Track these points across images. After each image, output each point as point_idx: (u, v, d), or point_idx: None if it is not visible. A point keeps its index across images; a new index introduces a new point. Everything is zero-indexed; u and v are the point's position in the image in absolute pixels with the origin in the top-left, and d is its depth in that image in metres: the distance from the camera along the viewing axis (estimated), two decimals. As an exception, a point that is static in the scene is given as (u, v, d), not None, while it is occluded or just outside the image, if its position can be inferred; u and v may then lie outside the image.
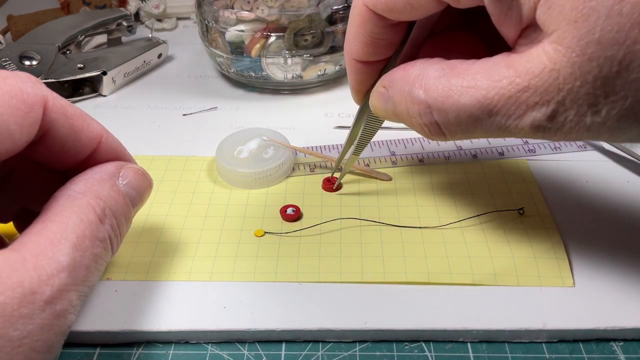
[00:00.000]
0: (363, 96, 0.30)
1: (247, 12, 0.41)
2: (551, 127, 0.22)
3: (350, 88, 0.30)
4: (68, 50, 0.47)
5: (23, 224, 0.28)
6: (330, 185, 0.34)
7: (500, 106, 0.22)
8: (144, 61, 0.48)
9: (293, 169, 0.36)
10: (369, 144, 0.32)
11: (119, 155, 0.27)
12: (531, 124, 0.22)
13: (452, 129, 0.24)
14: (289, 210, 0.32)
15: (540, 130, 0.22)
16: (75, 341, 0.26)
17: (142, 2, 0.56)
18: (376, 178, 0.35)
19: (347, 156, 0.33)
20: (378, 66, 0.28)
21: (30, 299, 0.20)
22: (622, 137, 0.22)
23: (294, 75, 0.44)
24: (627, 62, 0.20)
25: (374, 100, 0.28)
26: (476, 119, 0.23)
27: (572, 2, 0.20)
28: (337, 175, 0.34)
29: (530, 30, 0.22)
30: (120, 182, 0.25)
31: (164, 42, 0.50)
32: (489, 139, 0.37)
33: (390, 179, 0.35)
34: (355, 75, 0.29)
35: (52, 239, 0.21)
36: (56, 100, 0.24)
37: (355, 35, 0.27)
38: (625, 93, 0.20)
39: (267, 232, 0.31)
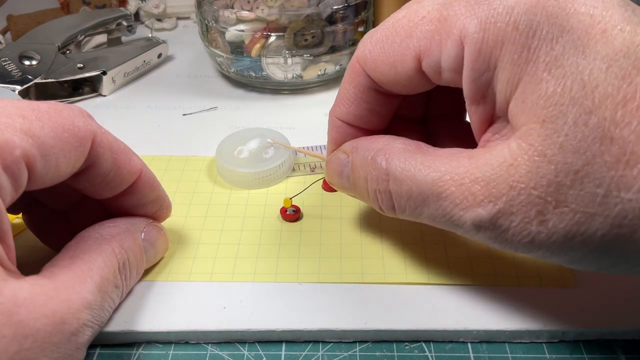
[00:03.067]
0: None
1: (247, 12, 0.41)
2: (493, 230, 0.21)
3: (327, 148, 0.30)
4: (68, 50, 0.47)
5: (32, 218, 0.29)
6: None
7: (450, 192, 0.22)
8: (144, 61, 0.48)
9: (293, 169, 0.36)
10: None
11: (153, 189, 0.28)
12: (473, 221, 0.22)
13: (402, 203, 0.24)
14: (289, 211, 0.32)
15: (483, 230, 0.22)
16: (75, 341, 0.26)
17: (142, 2, 0.56)
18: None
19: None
20: (358, 133, 0.28)
21: (60, 328, 0.21)
22: (566, 258, 0.21)
23: (294, 75, 0.44)
24: (583, 174, 0.19)
25: (332, 164, 0.28)
26: (425, 198, 0.23)
27: (544, 102, 0.20)
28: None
29: (498, 126, 0.22)
30: (142, 236, 0.27)
31: (164, 41, 0.50)
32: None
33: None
34: (335, 136, 0.28)
35: (80, 276, 0.23)
36: (104, 135, 0.25)
37: (343, 90, 0.27)
38: (575, 207, 0.20)
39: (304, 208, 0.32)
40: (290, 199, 0.32)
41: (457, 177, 0.22)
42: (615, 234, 0.19)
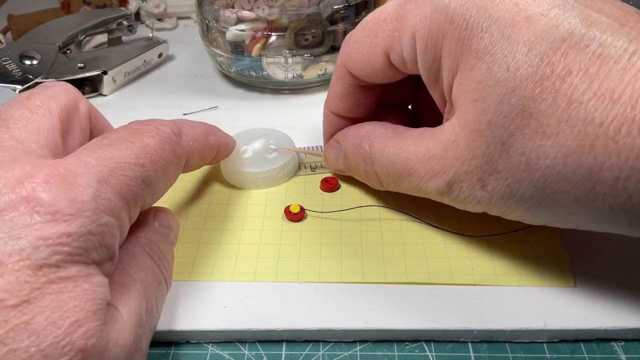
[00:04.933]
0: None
1: (247, 12, 0.41)
2: (450, 195, 0.25)
3: (323, 137, 0.35)
4: (68, 49, 0.47)
5: None
6: (329, 185, 0.34)
7: (416, 169, 0.26)
8: (145, 61, 0.48)
9: (298, 168, 0.36)
10: None
11: (228, 149, 0.33)
12: (435, 189, 0.26)
13: (385, 180, 0.29)
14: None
15: (444, 195, 0.26)
16: (76, 341, 0.26)
17: (143, 2, 0.56)
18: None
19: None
20: (348, 122, 0.33)
21: (127, 355, 0.21)
22: (511, 215, 0.25)
23: (295, 74, 0.44)
24: (508, 145, 0.22)
25: (328, 152, 0.33)
26: (400, 175, 0.27)
27: (475, 84, 0.23)
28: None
29: (450, 106, 0.25)
30: (157, 224, 0.27)
31: (165, 41, 0.50)
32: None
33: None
34: (328, 126, 0.34)
35: (127, 291, 0.23)
36: (193, 146, 0.27)
37: (332, 87, 0.32)
38: (505, 174, 0.23)
39: (308, 210, 0.32)
40: (299, 206, 0.32)
41: (420, 155, 0.26)
42: (540, 195, 0.23)
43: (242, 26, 0.42)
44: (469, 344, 0.26)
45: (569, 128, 0.21)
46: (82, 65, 0.44)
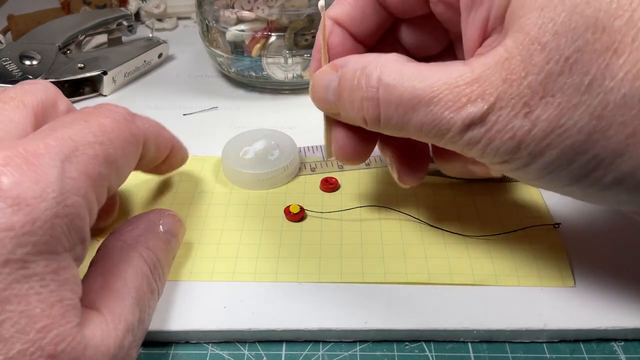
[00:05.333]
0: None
1: (247, 12, 0.41)
2: (481, 127, 0.22)
3: (312, 58, 0.29)
4: (68, 50, 0.47)
5: None
6: (328, 185, 0.34)
7: (443, 95, 0.22)
8: (145, 61, 0.48)
9: (299, 169, 0.36)
10: None
11: (181, 151, 0.32)
12: (463, 120, 0.22)
13: (390, 111, 0.24)
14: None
15: (470, 129, 0.22)
16: (76, 341, 0.26)
17: (143, 2, 0.56)
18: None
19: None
20: (350, 46, 0.28)
21: None
22: (539, 164, 0.22)
23: (295, 74, 0.44)
24: (572, 61, 0.20)
25: (319, 78, 0.27)
26: (416, 104, 0.23)
27: None
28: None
29: (492, 39, 0.22)
30: (162, 229, 0.27)
31: (165, 41, 0.50)
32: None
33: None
34: (330, 41, 0.28)
35: (117, 296, 0.22)
36: (148, 130, 0.27)
37: None
38: (560, 96, 0.20)
39: (307, 210, 0.32)
40: (299, 206, 0.32)
41: (451, 80, 0.22)
42: (593, 127, 0.20)
43: (242, 26, 0.42)
44: (469, 344, 0.26)
45: None
46: (82, 65, 0.44)
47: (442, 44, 0.28)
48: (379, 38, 0.29)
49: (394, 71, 0.23)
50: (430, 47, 0.28)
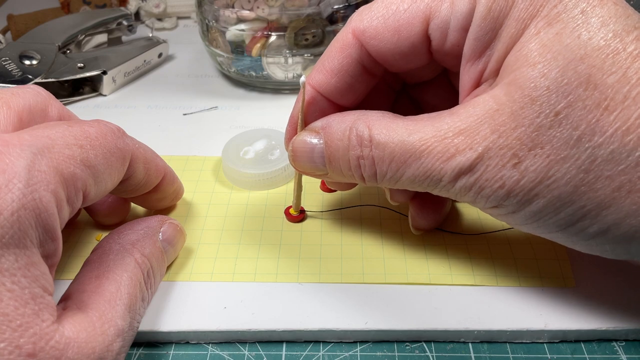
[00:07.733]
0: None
1: (247, 12, 0.41)
2: (471, 175, 0.22)
3: (288, 123, 0.29)
4: (68, 49, 0.47)
5: None
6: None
7: (433, 148, 0.22)
8: (144, 60, 0.48)
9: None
10: None
11: (173, 184, 0.31)
12: (453, 169, 0.22)
13: (384, 167, 0.24)
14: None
15: (460, 178, 0.22)
16: (76, 341, 0.26)
17: (143, 2, 0.56)
18: None
19: None
20: (329, 109, 0.27)
21: None
22: (527, 211, 0.22)
23: (295, 74, 0.43)
24: (562, 117, 0.20)
25: (299, 148, 0.26)
26: (407, 158, 0.23)
27: (540, 48, 0.21)
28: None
29: (483, 87, 0.23)
30: (160, 237, 0.27)
31: (164, 41, 0.49)
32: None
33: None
34: (306, 107, 0.27)
35: (110, 300, 0.22)
36: (137, 150, 0.26)
37: (328, 60, 0.26)
38: (549, 149, 0.21)
39: (307, 210, 0.32)
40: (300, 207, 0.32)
41: (440, 133, 0.22)
42: (580, 180, 0.21)
43: (242, 26, 0.42)
44: (470, 345, 0.26)
45: (634, 105, 0.20)
46: (82, 65, 0.44)
47: (435, 71, 0.28)
48: (359, 101, 0.28)
49: (383, 128, 0.24)
50: (424, 75, 0.29)
